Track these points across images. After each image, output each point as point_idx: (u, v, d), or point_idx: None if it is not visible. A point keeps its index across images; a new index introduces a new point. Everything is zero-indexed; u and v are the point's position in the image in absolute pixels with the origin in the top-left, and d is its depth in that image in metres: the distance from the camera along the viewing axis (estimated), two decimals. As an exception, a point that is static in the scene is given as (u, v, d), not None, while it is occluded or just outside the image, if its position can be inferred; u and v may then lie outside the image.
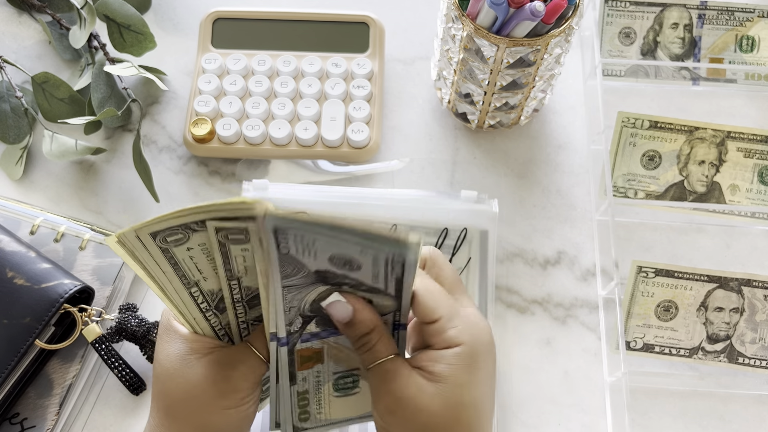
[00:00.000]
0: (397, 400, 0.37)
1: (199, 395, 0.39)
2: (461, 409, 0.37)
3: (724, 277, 0.56)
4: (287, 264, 0.36)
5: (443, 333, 0.38)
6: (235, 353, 0.40)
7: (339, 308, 0.38)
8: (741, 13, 0.65)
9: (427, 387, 0.37)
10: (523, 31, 0.50)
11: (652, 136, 0.60)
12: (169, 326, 0.41)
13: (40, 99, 0.61)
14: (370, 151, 0.61)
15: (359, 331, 0.38)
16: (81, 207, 0.60)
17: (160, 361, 0.40)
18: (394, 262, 0.36)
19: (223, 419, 0.40)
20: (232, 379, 0.39)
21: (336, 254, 0.35)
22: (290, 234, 0.34)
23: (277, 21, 0.65)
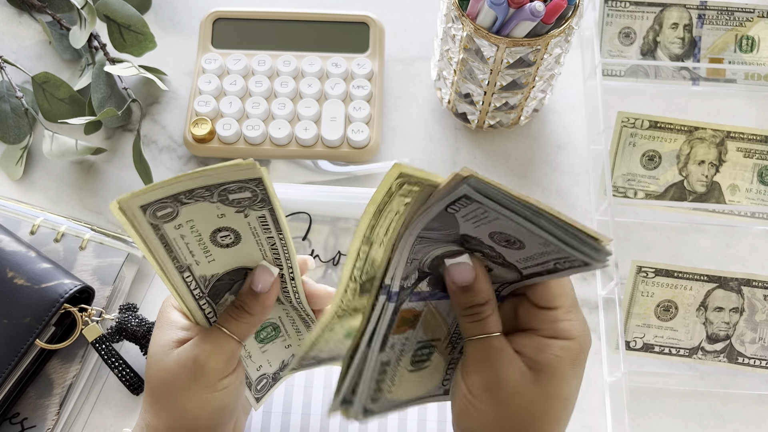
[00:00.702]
0: (498, 380, 0.36)
1: (173, 380, 0.39)
2: (554, 401, 0.37)
3: (724, 277, 0.56)
4: (440, 220, 0.34)
5: (558, 322, 0.37)
6: (204, 334, 0.40)
7: (463, 271, 0.37)
8: (741, 13, 0.65)
9: (528, 373, 0.37)
10: (523, 31, 0.50)
11: (651, 136, 0.60)
12: (162, 314, 0.42)
13: (41, 99, 0.61)
14: (370, 151, 0.61)
15: (475, 299, 0.37)
16: (81, 207, 0.60)
17: (149, 349, 0.41)
18: (572, 262, 0.34)
19: (197, 405, 0.39)
20: (198, 359, 0.39)
21: (507, 234, 0.34)
22: (475, 204, 0.32)
23: (277, 21, 0.65)
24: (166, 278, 0.38)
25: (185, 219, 0.35)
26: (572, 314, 0.38)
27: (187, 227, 0.36)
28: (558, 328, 0.37)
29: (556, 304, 0.37)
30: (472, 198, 0.32)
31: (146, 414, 0.41)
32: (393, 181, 0.32)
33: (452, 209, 0.33)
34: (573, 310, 0.38)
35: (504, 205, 0.32)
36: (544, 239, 0.32)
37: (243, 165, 0.33)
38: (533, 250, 0.34)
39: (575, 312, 0.38)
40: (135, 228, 0.34)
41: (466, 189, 0.31)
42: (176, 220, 0.35)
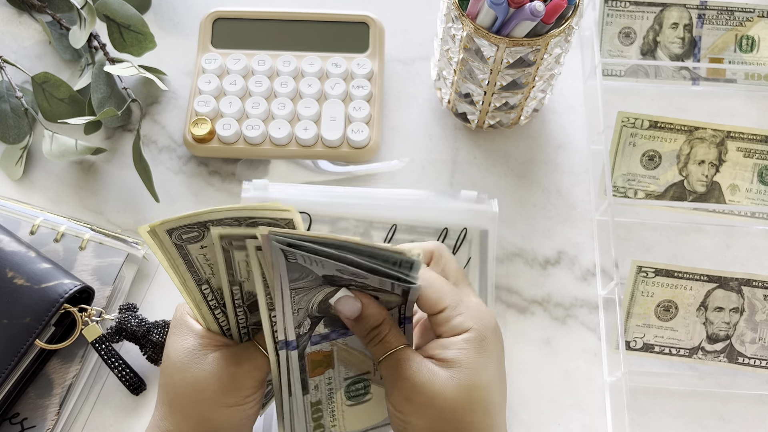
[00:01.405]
0: (413, 387, 0.38)
1: (203, 390, 0.39)
2: (475, 391, 0.38)
3: (724, 277, 0.56)
4: (295, 270, 0.36)
5: (450, 321, 0.39)
6: (242, 351, 0.40)
7: (347, 304, 0.38)
8: (741, 13, 0.65)
9: (441, 372, 0.38)
10: (523, 31, 0.50)
11: (651, 136, 0.60)
12: (182, 321, 0.42)
13: (40, 99, 0.61)
14: (370, 151, 0.61)
15: (369, 324, 0.39)
16: (81, 207, 0.60)
17: (168, 354, 0.41)
18: (400, 283, 0.37)
19: (225, 416, 0.40)
20: (236, 376, 0.39)
21: (343, 268, 0.36)
22: (297, 253, 0.35)
23: (277, 21, 0.65)
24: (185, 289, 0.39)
25: (210, 241, 0.37)
26: (460, 308, 0.40)
27: (210, 247, 0.37)
28: (453, 326, 0.39)
29: (441, 306, 0.40)
30: (286, 252, 0.34)
31: (162, 421, 0.41)
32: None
33: (292, 259, 0.35)
34: (459, 306, 0.40)
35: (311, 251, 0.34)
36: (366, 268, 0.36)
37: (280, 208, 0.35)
38: (372, 276, 0.37)
39: (463, 305, 0.40)
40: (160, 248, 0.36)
41: (276, 245, 0.34)
42: (201, 242, 0.37)
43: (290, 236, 0.34)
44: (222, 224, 0.36)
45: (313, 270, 0.36)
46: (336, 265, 0.36)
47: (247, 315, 0.41)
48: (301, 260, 0.35)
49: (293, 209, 0.36)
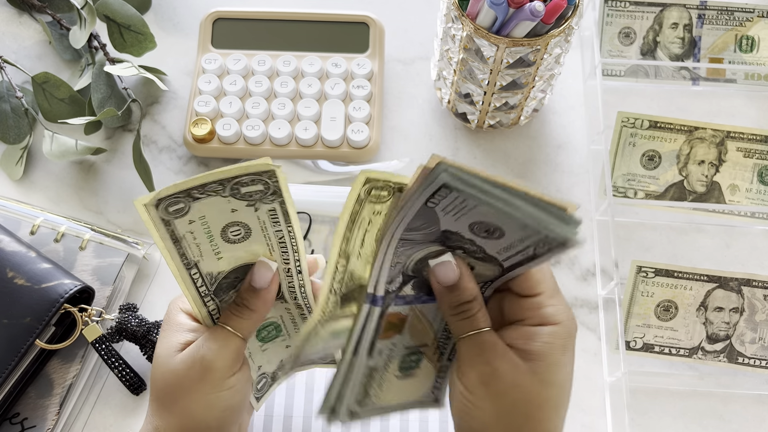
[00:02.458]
0: (493, 372, 0.37)
1: (180, 381, 0.39)
2: (551, 389, 0.37)
3: (724, 277, 0.56)
4: (421, 217, 0.34)
5: (541, 309, 0.38)
6: (209, 334, 0.40)
7: (448, 270, 0.37)
8: (741, 13, 0.65)
9: (522, 365, 0.37)
10: (523, 31, 0.50)
11: (651, 136, 0.60)
12: (169, 317, 0.41)
13: (41, 99, 0.61)
14: (370, 151, 0.61)
15: (462, 297, 0.38)
16: (81, 207, 0.60)
17: (156, 351, 0.41)
18: (550, 242, 0.34)
19: (205, 405, 0.39)
20: (205, 359, 0.39)
21: (487, 222, 0.34)
22: (454, 193, 0.32)
23: (277, 21, 0.65)
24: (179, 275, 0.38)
25: (197, 215, 0.36)
26: (555, 299, 0.38)
27: (198, 223, 0.36)
28: (543, 314, 0.38)
29: (539, 290, 0.38)
30: (451, 186, 0.32)
31: (153, 417, 0.41)
32: (361, 187, 0.33)
33: (432, 203, 0.33)
34: (556, 296, 0.38)
35: (482, 189, 0.32)
36: (522, 222, 0.32)
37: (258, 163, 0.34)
38: (513, 237, 0.34)
39: (558, 297, 0.38)
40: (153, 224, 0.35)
41: (445, 177, 0.31)
42: (188, 216, 0.35)
43: (464, 171, 0.31)
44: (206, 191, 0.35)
45: (441, 222, 0.34)
46: (479, 218, 0.33)
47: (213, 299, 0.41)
48: (443, 204, 0.33)
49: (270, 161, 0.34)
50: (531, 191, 0.32)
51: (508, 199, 0.32)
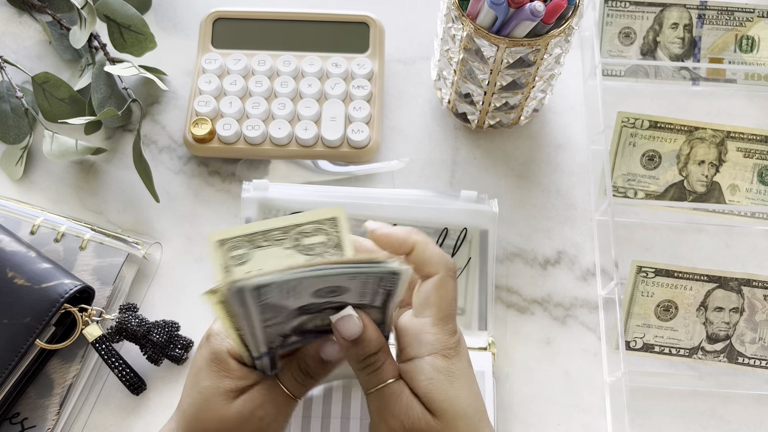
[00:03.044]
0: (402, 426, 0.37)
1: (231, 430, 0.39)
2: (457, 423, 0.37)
3: (724, 277, 0.56)
4: (267, 311, 0.35)
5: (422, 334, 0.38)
6: (267, 394, 0.40)
7: (351, 324, 0.37)
8: (741, 13, 0.65)
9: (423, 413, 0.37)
10: (523, 31, 0.50)
11: (651, 136, 0.60)
12: (219, 357, 0.40)
13: (41, 99, 0.61)
14: (370, 151, 0.61)
15: (368, 349, 0.38)
16: (81, 207, 0.60)
17: (200, 390, 0.40)
18: (384, 282, 0.36)
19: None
20: (263, 421, 0.39)
21: (322, 287, 0.35)
22: (273, 287, 0.33)
23: (278, 21, 0.65)
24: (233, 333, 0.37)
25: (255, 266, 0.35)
26: (437, 329, 0.38)
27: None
28: (422, 341, 0.38)
29: (425, 314, 0.39)
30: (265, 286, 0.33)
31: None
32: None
33: (264, 299, 0.34)
34: (437, 326, 0.38)
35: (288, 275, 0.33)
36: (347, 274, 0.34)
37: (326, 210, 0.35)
38: (356, 287, 0.35)
39: (440, 328, 0.38)
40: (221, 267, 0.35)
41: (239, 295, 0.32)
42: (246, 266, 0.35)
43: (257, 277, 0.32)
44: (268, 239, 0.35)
45: (288, 305, 0.35)
46: (313, 288, 0.34)
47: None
48: (276, 296, 0.34)
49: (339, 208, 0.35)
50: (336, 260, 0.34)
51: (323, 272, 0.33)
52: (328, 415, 0.51)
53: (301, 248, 0.36)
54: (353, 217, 0.56)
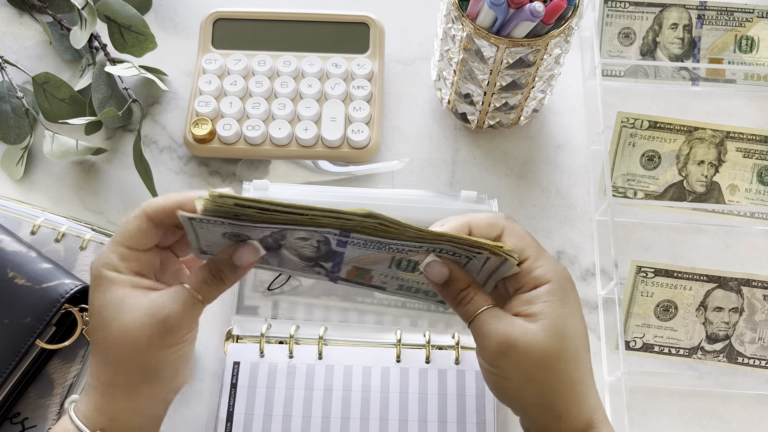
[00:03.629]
0: (507, 341, 0.39)
1: (137, 336, 0.39)
2: (564, 340, 0.40)
3: (724, 277, 0.56)
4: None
5: (531, 272, 0.41)
6: (174, 296, 0.40)
7: (436, 269, 0.40)
8: (740, 14, 0.65)
9: (530, 326, 0.40)
10: (523, 31, 0.50)
11: (651, 136, 0.60)
12: (101, 275, 0.41)
13: (41, 99, 0.62)
14: (370, 152, 0.61)
15: (457, 287, 0.41)
16: (82, 207, 0.60)
17: (94, 310, 0.41)
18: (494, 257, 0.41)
19: (161, 359, 0.40)
20: (169, 321, 0.40)
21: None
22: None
23: (278, 21, 0.65)
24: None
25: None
26: (541, 260, 0.42)
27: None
28: (534, 276, 0.41)
29: (524, 256, 0.42)
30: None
31: (102, 374, 0.41)
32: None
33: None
34: (541, 257, 0.42)
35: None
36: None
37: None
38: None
39: (543, 258, 0.42)
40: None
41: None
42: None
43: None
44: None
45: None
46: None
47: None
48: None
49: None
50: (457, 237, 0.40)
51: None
52: (328, 415, 0.51)
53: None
54: None
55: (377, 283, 0.46)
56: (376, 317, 0.55)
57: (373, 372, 0.52)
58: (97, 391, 0.41)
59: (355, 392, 0.52)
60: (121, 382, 0.40)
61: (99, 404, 0.41)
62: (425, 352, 0.53)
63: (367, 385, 0.52)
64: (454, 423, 0.51)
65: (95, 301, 0.41)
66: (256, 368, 0.52)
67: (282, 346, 0.53)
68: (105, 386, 0.41)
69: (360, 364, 0.52)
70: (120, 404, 0.41)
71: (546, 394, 0.40)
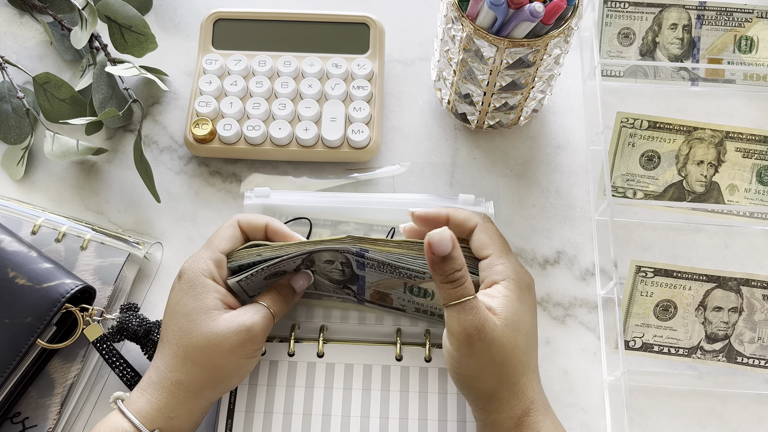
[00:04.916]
0: (477, 332, 0.42)
1: (221, 344, 0.45)
2: (519, 335, 0.44)
3: (723, 277, 0.56)
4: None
5: (492, 267, 0.46)
6: (254, 310, 0.47)
7: (444, 240, 0.42)
8: (740, 14, 0.65)
9: (497, 321, 0.43)
10: (523, 31, 0.50)
11: (650, 136, 0.60)
12: (197, 280, 0.46)
13: (42, 99, 0.62)
14: (370, 152, 0.61)
15: (454, 266, 0.42)
16: (82, 207, 0.60)
17: (182, 311, 0.46)
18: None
19: (237, 365, 0.46)
20: (253, 330, 0.46)
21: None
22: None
23: (278, 22, 0.65)
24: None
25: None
26: (503, 259, 0.46)
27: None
28: (495, 271, 0.46)
29: (487, 252, 0.47)
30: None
31: (175, 373, 0.45)
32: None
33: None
34: (503, 257, 0.46)
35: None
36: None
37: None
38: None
39: (506, 258, 0.46)
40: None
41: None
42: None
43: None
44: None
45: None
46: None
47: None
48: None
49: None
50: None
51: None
52: (329, 413, 0.51)
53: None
54: (355, 221, 0.56)
55: (397, 305, 0.53)
56: (377, 316, 0.55)
57: (374, 370, 0.52)
58: (164, 390, 0.45)
59: (356, 390, 0.52)
60: (194, 383, 0.45)
61: (161, 402, 0.45)
62: (425, 351, 0.53)
63: (368, 384, 0.52)
64: (455, 422, 0.51)
65: (184, 303, 0.46)
66: (257, 366, 0.52)
67: (283, 344, 0.53)
68: (175, 385, 0.45)
69: (360, 362, 0.53)
70: (184, 404, 0.45)
71: (493, 383, 0.44)
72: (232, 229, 0.49)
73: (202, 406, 0.46)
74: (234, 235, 0.49)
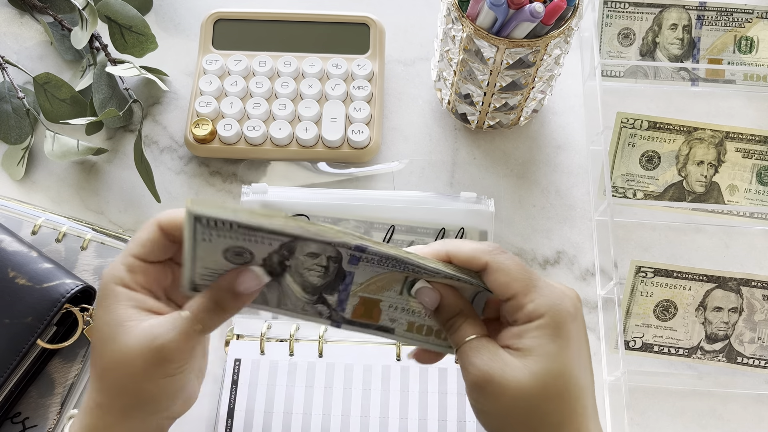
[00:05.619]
0: (484, 375, 0.37)
1: (133, 363, 0.38)
2: (549, 378, 0.37)
3: (723, 277, 0.56)
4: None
5: (521, 309, 0.38)
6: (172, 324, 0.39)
7: (427, 294, 0.40)
8: (740, 14, 0.65)
9: (514, 361, 0.37)
10: (523, 32, 0.50)
11: (651, 136, 0.61)
12: (107, 289, 0.40)
13: (42, 99, 0.62)
14: (371, 152, 0.61)
15: (448, 314, 0.40)
16: (82, 207, 0.60)
17: (96, 325, 0.39)
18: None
19: (157, 388, 0.39)
20: (164, 351, 0.38)
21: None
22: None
23: (278, 22, 0.65)
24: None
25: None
26: (532, 294, 0.38)
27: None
28: (525, 313, 0.38)
29: (510, 292, 0.39)
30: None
31: (97, 394, 0.39)
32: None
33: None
34: (531, 291, 0.38)
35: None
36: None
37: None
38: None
39: (536, 291, 0.38)
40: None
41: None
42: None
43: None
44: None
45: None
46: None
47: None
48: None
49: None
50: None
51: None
52: (329, 413, 0.51)
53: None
54: (353, 218, 0.57)
55: (385, 322, 0.43)
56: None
57: (374, 370, 0.52)
58: (88, 413, 0.39)
59: (356, 390, 0.52)
60: (115, 405, 0.39)
61: (89, 425, 0.39)
62: (425, 352, 0.53)
63: (368, 384, 0.52)
64: (455, 421, 0.51)
65: (98, 315, 0.40)
66: (257, 365, 0.52)
67: (283, 344, 0.53)
68: (98, 408, 0.39)
69: (360, 362, 0.53)
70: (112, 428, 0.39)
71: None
72: (148, 232, 0.40)
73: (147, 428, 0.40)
74: (150, 238, 0.40)
